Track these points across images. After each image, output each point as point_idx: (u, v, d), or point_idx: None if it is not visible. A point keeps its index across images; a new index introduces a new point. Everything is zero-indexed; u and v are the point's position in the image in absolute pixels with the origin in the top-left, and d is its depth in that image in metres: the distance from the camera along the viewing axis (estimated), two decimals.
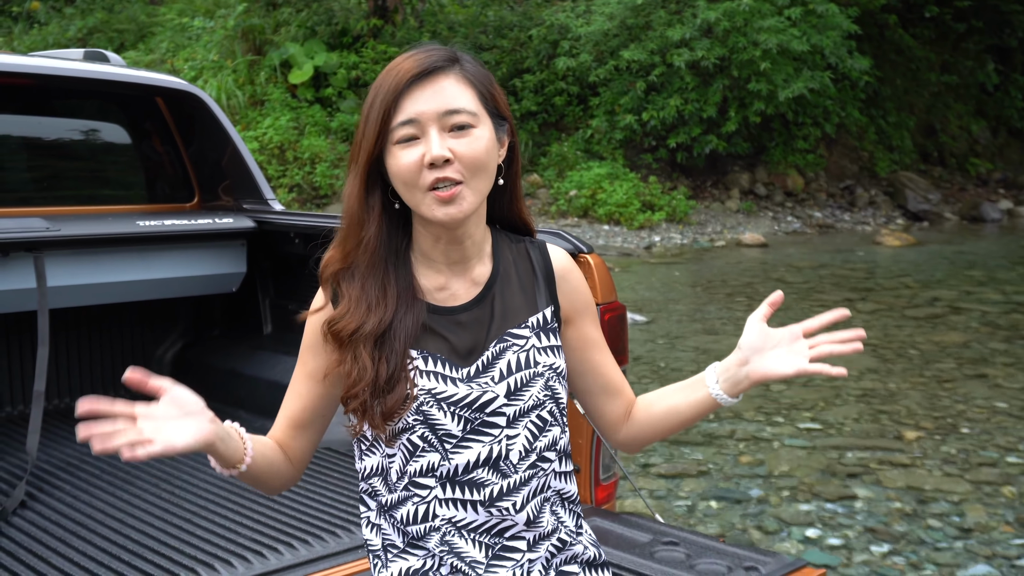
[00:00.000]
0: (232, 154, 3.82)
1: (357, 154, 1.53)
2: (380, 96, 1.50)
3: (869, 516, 4.77)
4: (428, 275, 1.61)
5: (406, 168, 1.49)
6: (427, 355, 1.56)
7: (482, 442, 1.55)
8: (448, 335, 1.57)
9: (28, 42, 20.52)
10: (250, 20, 16.84)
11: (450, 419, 1.54)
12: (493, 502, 1.56)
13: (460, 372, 1.56)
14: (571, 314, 1.67)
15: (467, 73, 1.54)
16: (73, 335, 3.83)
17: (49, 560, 2.43)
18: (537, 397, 1.58)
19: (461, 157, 1.49)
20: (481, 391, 1.55)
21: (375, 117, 1.50)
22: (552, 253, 1.68)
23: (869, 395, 6.86)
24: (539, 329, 1.62)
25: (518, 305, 1.62)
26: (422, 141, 1.49)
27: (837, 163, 18.73)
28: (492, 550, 1.57)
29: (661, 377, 7.32)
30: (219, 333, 4.06)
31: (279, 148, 15.30)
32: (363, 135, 1.51)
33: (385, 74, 1.52)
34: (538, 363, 1.59)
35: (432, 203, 1.49)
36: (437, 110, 1.49)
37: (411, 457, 1.55)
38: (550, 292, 1.65)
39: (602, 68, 16.30)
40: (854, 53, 16.47)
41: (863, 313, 9.82)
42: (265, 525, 2.61)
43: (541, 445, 1.59)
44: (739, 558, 2.26)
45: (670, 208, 15.77)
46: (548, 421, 1.60)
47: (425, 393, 1.54)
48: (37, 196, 3.71)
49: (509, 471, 1.56)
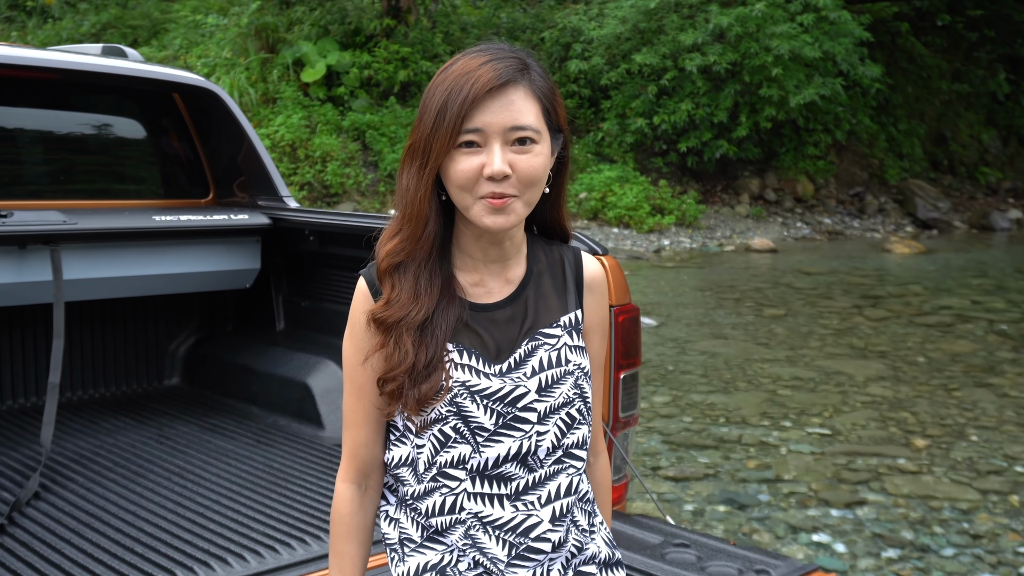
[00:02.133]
0: (248, 151, 3.84)
1: (423, 152, 1.53)
2: (455, 100, 1.50)
3: (876, 522, 4.77)
4: (465, 271, 1.63)
5: (464, 174, 1.52)
6: (462, 349, 1.59)
7: (513, 437, 1.57)
8: (482, 331, 1.60)
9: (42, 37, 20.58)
10: (263, 18, 16.87)
11: (483, 412, 1.57)
12: (519, 496, 1.58)
13: (493, 368, 1.59)
14: (587, 327, 1.70)
15: (535, 86, 1.55)
16: (88, 328, 3.84)
17: (62, 551, 2.44)
18: (567, 395, 1.61)
19: (519, 173, 1.52)
20: (514, 385, 1.58)
21: (451, 120, 1.50)
22: (586, 261, 1.71)
23: (877, 402, 6.85)
24: (571, 328, 1.65)
25: (551, 305, 1.64)
26: (484, 151, 1.51)
27: (847, 170, 18.71)
28: (516, 549, 1.58)
29: (670, 381, 7.32)
30: (232, 329, 4.08)
31: (291, 146, 15.32)
32: (434, 135, 1.52)
33: (458, 76, 1.52)
34: (569, 361, 1.62)
35: (483, 210, 1.52)
36: (504, 124, 1.51)
37: (442, 448, 1.58)
38: (579, 296, 1.68)
39: (614, 71, 16.31)
40: (866, 60, 16.45)
41: (872, 320, 9.81)
42: (278, 520, 2.62)
43: (568, 442, 1.62)
44: (750, 561, 2.27)
45: (680, 212, 15.77)
46: (576, 419, 1.62)
47: (460, 385, 1.56)
48: (54, 190, 3.73)
49: (536, 465, 1.59)
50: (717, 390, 7.12)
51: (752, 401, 6.83)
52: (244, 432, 3.44)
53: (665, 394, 6.97)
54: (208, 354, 4.00)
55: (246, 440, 3.34)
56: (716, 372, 7.62)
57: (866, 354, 8.32)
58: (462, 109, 1.50)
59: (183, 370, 4.02)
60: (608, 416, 2.70)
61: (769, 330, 9.27)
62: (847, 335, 9.09)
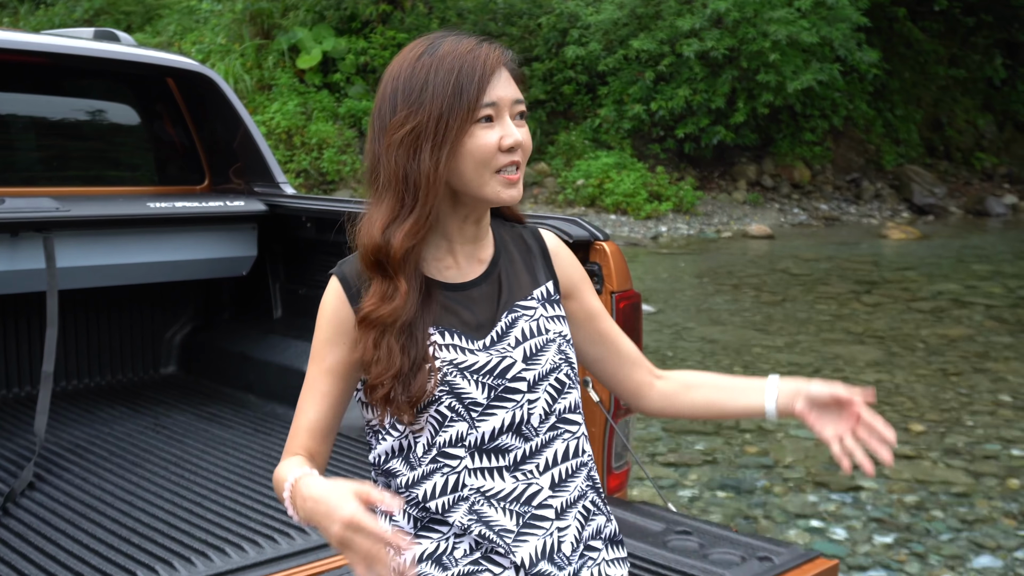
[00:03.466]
0: (244, 136, 3.80)
1: (436, 132, 1.53)
2: (469, 77, 1.53)
3: (874, 507, 4.76)
4: (438, 256, 1.63)
5: (485, 148, 1.54)
6: (443, 330, 1.59)
7: (506, 408, 1.58)
8: (461, 310, 1.61)
9: (34, 23, 20.47)
10: (258, 4, 16.79)
11: (475, 387, 1.57)
12: (517, 466, 1.59)
13: (476, 343, 1.59)
14: (570, 287, 1.74)
15: (517, 70, 1.62)
16: (82, 316, 3.81)
17: (57, 541, 2.41)
18: (553, 361, 1.63)
19: (524, 145, 1.58)
20: (501, 357, 1.59)
21: (471, 96, 1.53)
22: (544, 234, 1.77)
23: (875, 387, 6.85)
24: (544, 300, 1.68)
25: (522, 279, 1.68)
26: (497, 125, 1.55)
27: (844, 156, 18.68)
28: (523, 518, 1.58)
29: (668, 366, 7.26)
30: (229, 316, 4.05)
31: (287, 133, 15.27)
32: (450, 112, 1.52)
33: (460, 55, 1.54)
34: (548, 330, 1.64)
35: (499, 184, 1.56)
36: (512, 97, 1.58)
37: (440, 428, 1.57)
38: (547, 268, 1.72)
39: (611, 57, 16.26)
40: (863, 46, 16.41)
41: (868, 306, 9.80)
42: (276, 510, 2.60)
43: (560, 407, 1.64)
44: (752, 548, 2.25)
45: (677, 199, 15.74)
46: (566, 383, 1.65)
47: (448, 364, 1.56)
48: (47, 176, 3.69)
49: (531, 434, 1.60)
50: None
51: None
52: (241, 420, 3.41)
53: None
54: (205, 342, 3.98)
55: (243, 428, 3.31)
56: (714, 358, 7.61)
57: (863, 339, 8.31)
58: (481, 84, 1.53)
59: (179, 358, 4.00)
60: (609, 403, 2.68)
61: (767, 316, 9.26)
62: (844, 320, 9.08)
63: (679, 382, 1.78)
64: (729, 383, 1.77)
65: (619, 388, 1.80)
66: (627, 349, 1.78)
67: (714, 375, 1.78)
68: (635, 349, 1.79)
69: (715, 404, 1.75)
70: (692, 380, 1.79)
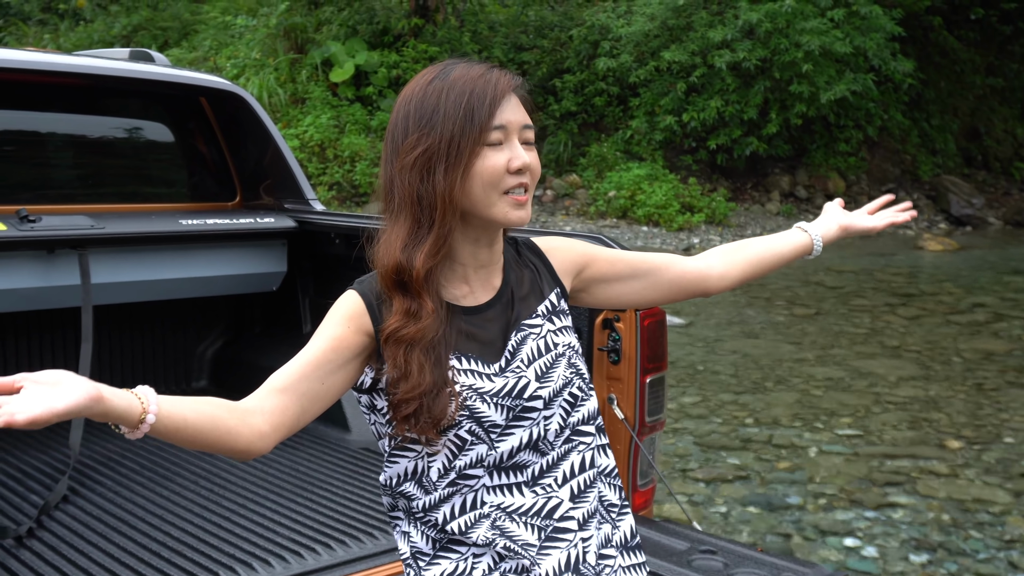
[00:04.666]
0: (274, 154, 3.85)
1: (448, 154, 1.56)
2: (480, 100, 1.56)
3: (909, 526, 4.71)
4: (454, 281, 1.66)
5: (494, 169, 1.57)
6: (460, 355, 1.61)
7: (523, 427, 1.61)
8: (477, 332, 1.64)
9: (74, 39, 20.79)
10: (292, 19, 16.95)
11: (494, 410, 1.59)
12: (536, 481, 1.62)
13: (492, 367, 1.62)
14: (579, 264, 1.80)
15: (527, 96, 1.67)
16: (116, 331, 3.87)
17: (89, 554, 2.45)
18: (564, 376, 1.66)
19: (532, 168, 1.61)
20: (516, 378, 1.62)
21: (481, 120, 1.56)
22: (536, 241, 1.82)
23: (910, 403, 6.78)
24: (550, 314, 1.71)
25: (528, 297, 1.71)
26: (506, 147, 1.59)
27: (879, 166, 18.53)
28: (545, 532, 1.60)
29: (699, 381, 7.28)
30: (260, 331, 4.09)
31: (319, 146, 15.39)
32: (462, 135, 1.55)
33: (472, 80, 1.58)
34: (556, 344, 1.68)
35: (508, 206, 1.59)
36: (520, 122, 1.62)
37: (459, 452, 1.59)
38: (551, 274, 1.76)
39: (642, 69, 16.24)
40: (898, 55, 16.28)
41: (904, 318, 9.71)
42: (303, 525, 2.62)
43: (574, 420, 1.68)
44: (778, 568, 2.24)
45: (709, 210, 15.68)
46: (579, 397, 1.69)
47: (468, 389, 1.58)
48: (83, 194, 3.75)
49: (547, 449, 1.64)
50: (747, 390, 7.07)
51: (783, 401, 6.77)
52: None
53: (695, 394, 6.93)
54: (236, 356, 4.02)
55: None
56: (746, 372, 7.57)
57: (899, 353, 8.23)
58: (492, 108, 1.57)
59: (211, 372, 4.04)
60: (634, 420, 2.68)
61: (800, 329, 9.20)
62: (879, 334, 9.00)
63: (724, 256, 1.94)
64: (764, 239, 2.01)
65: (683, 290, 1.90)
66: (660, 260, 1.87)
67: (746, 240, 2.00)
68: (665, 255, 1.89)
69: (767, 256, 1.97)
70: (731, 248, 1.96)
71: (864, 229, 2.09)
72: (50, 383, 1.29)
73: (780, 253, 1.99)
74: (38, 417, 1.24)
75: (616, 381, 2.68)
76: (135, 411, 1.37)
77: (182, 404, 1.45)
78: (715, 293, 1.94)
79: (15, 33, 22.54)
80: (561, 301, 1.74)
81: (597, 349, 2.69)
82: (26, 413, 1.24)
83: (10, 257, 3.16)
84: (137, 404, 1.38)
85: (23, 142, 3.72)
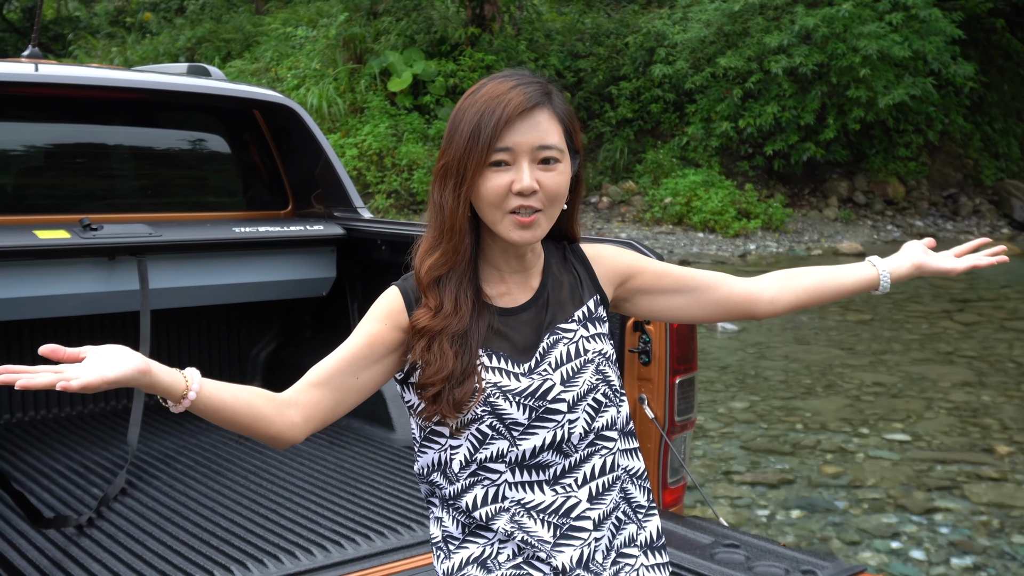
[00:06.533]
0: (324, 164, 3.99)
1: (457, 172, 1.64)
2: (487, 122, 1.62)
3: (954, 530, 4.71)
4: (492, 282, 1.75)
5: (495, 190, 1.63)
6: (491, 353, 1.70)
7: (547, 428, 1.68)
8: (511, 333, 1.72)
9: (140, 52, 21.33)
10: (351, 29, 17.23)
11: (516, 408, 1.67)
12: (557, 480, 1.69)
13: (521, 367, 1.70)
14: (624, 273, 1.83)
15: (558, 110, 1.68)
16: (173, 335, 4.04)
17: (144, 542, 2.61)
18: (590, 382, 1.72)
19: (546, 188, 1.64)
20: (541, 380, 1.69)
21: (484, 140, 1.62)
22: (583, 247, 1.85)
23: (962, 408, 6.74)
24: (585, 320, 1.76)
25: (565, 302, 1.76)
26: (512, 168, 1.63)
27: (940, 171, 18.29)
28: (560, 530, 1.68)
29: (749, 386, 7.30)
30: (310, 335, 4.23)
31: (378, 155, 15.61)
32: (468, 155, 1.63)
33: (488, 99, 1.64)
34: (587, 351, 1.73)
35: (511, 225, 1.64)
36: (532, 144, 1.63)
37: (481, 445, 1.68)
38: (592, 281, 1.80)
39: (698, 75, 16.25)
40: (958, 58, 16.08)
41: (960, 325, 9.61)
42: (345, 517, 2.75)
43: (598, 425, 1.73)
44: (797, 562, 2.31)
45: (766, 216, 15.61)
46: (603, 403, 1.74)
47: (492, 386, 1.67)
48: (142, 203, 3.93)
49: (570, 451, 1.70)
50: (797, 395, 7.08)
51: (832, 407, 6.77)
52: (319, 433, 3.57)
53: (744, 399, 6.95)
54: (287, 359, 4.17)
55: (320, 441, 3.48)
56: (796, 377, 7.57)
57: (953, 359, 8.17)
58: (495, 130, 1.61)
59: (264, 374, 4.19)
60: (664, 420, 2.77)
61: (853, 334, 9.16)
62: (934, 340, 8.93)
63: (778, 281, 1.91)
64: (828, 268, 1.95)
65: (730, 311, 1.89)
66: (710, 278, 1.87)
67: (803, 268, 1.95)
68: (716, 273, 1.89)
69: (825, 286, 1.92)
70: (789, 274, 1.93)
71: (940, 271, 1.98)
72: (107, 355, 1.44)
73: (840, 284, 1.93)
74: (90, 383, 1.39)
75: (646, 382, 2.77)
76: (179, 386, 1.51)
77: (223, 387, 1.60)
78: (764, 317, 1.92)
79: (84, 46, 23.20)
80: (599, 308, 1.79)
81: (628, 351, 2.78)
82: (80, 379, 1.39)
83: (73, 263, 3.33)
84: (182, 381, 1.52)
85: (86, 154, 3.91)
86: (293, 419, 1.65)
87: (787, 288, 1.91)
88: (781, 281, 1.91)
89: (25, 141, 3.77)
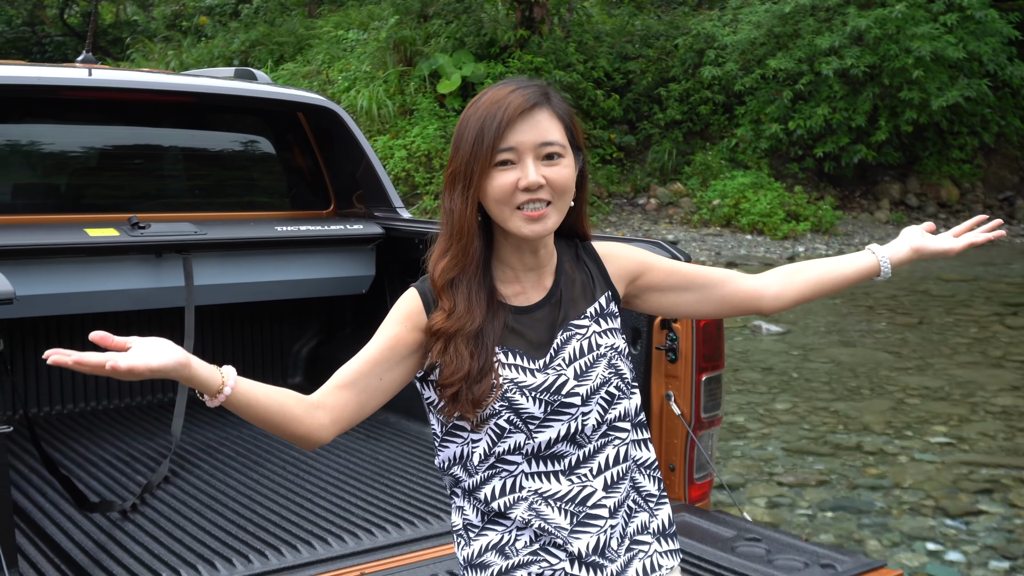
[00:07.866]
0: (366, 165, 4.08)
1: (464, 176, 1.72)
2: (490, 125, 1.70)
3: (994, 533, 4.69)
4: (506, 282, 1.81)
5: (502, 189, 1.70)
6: (507, 350, 1.76)
7: (561, 420, 1.74)
8: (526, 331, 1.78)
9: (195, 55, 21.68)
10: (401, 32, 17.38)
11: (532, 403, 1.74)
12: (572, 470, 1.76)
13: (536, 363, 1.76)
14: (634, 271, 1.89)
15: (557, 109, 1.75)
16: (217, 330, 4.16)
17: (184, 527, 2.71)
18: (603, 376, 1.78)
19: (552, 182, 1.71)
20: (556, 375, 1.75)
21: (488, 143, 1.69)
22: (595, 245, 1.91)
23: (1008, 412, 6.67)
24: (598, 316, 1.82)
25: (578, 299, 1.82)
26: (518, 166, 1.70)
27: (996, 173, 18.01)
28: (577, 517, 1.75)
29: (792, 388, 7.29)
30: (350, 332, 4.33)
31: (426, 156, 15.75)
32: (474, 159, 1.70)
33: (489, 105, 1.72)
34: (600, 345, 1.79)
35: (521, 221, 1.71)
36: (535, 141, 1.70)
37: (499, 439, 1.75)
38: (604, 279, 1.86)
39: (748, 77, 16.17)
40: (1015, 59, 15.83)
41: (1012, 328, 9.48)
42: (376, 507, 2.84)
43: (611, 417, 1.79)
44: (817, 556, 2.35)
45: (816, 218, 15.49)
46: (616, 395, 1.79)
47: (509, 382, 1.74)
48: (188, 202, 4.05)
49: (584, 442, 1.76)
50: (840, 398, 7.05)
51: (876, 409, 6.74)
52: (356, 427, 3.67)
53: (786, 401, 6.94)
54: (328, 355, 4.27)
55: (356, 435, 3.57)
56: (841, 380, 7.54)
57: (1002, 364, 8.07)
58: (498, 132, 1.68)
59: (305, 370, 4.30)
60: (691, 417, 2.81)
61: (900, 338, 9.08)
62: (983, 344, 8.82)
63: (782, 276, 1.96)
64: (829, 259, 1.98)
65: (736, 307, 1.95)
66: (718, 275, 1.93)
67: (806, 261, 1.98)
68: (724, 271, 1.95)
69: (827, 277, 1.96)
70: (792, 268, 1.98)
71: (938, 251, 2.01)
72: (151, 345, 1.54)
73: (842, 274, 1.97)
74: (135, 367, 1.49)
75: (673, 379, 2.81)
76: (215, 382, 1.60)
77: (257, 387, 1.67)
78: (770, 312, 1.98)
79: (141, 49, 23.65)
80: (611, 304, 1.85)
81: (655, 348, 2.82)
82: (126, 362, 1.48)
83: (121, 260, 3.45)
84: (218, 377, 1.60)
85: (135, 155, 4.04)
86: (321, 420, 1.72)
87: (791, 283, 1.96)
88: (785, 276, 1.96)
89: (77, 143, 3.91)
